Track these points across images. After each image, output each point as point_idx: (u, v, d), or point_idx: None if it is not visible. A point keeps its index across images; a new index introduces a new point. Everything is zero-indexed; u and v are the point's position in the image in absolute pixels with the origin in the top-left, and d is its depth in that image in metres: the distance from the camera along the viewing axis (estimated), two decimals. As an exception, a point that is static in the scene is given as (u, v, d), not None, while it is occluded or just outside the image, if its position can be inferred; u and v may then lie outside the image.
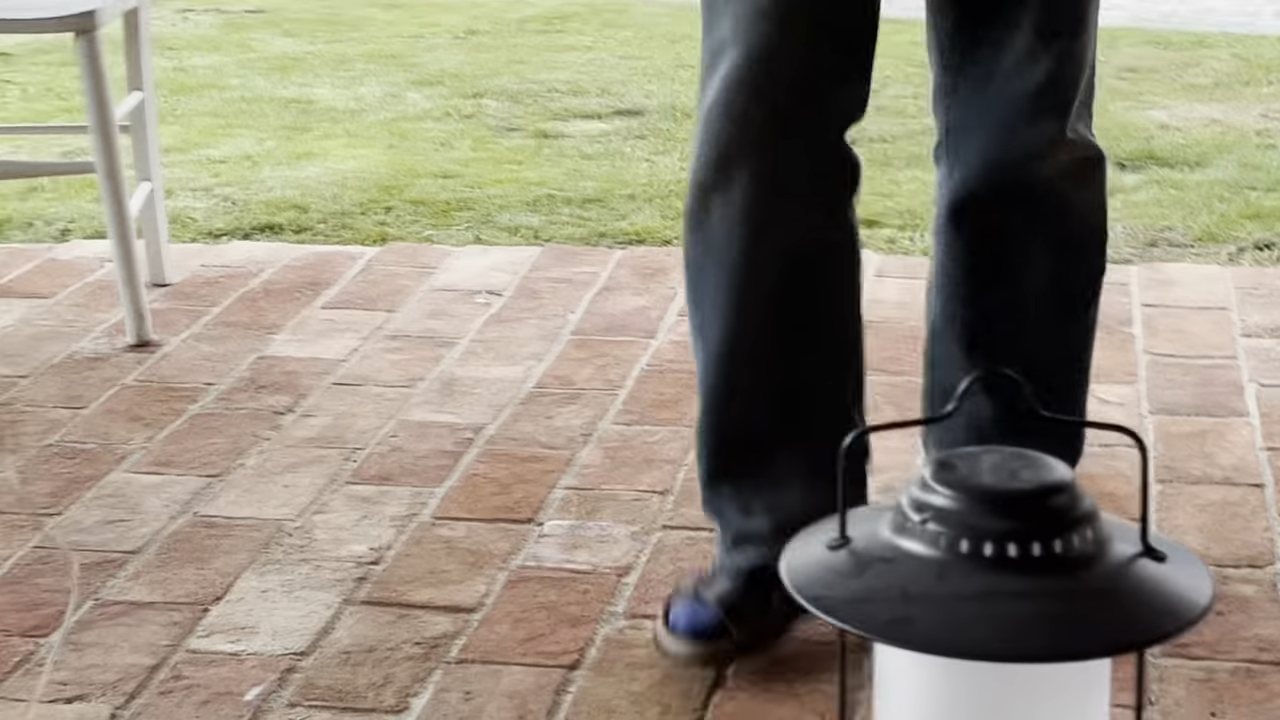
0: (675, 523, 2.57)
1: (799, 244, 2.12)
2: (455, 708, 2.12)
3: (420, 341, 3.28)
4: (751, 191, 2.06)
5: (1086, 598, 0.98)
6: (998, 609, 0.97)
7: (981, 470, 1.02)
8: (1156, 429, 2.87)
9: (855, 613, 0.99)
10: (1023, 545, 0.99)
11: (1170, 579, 1.01)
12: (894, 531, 1.02)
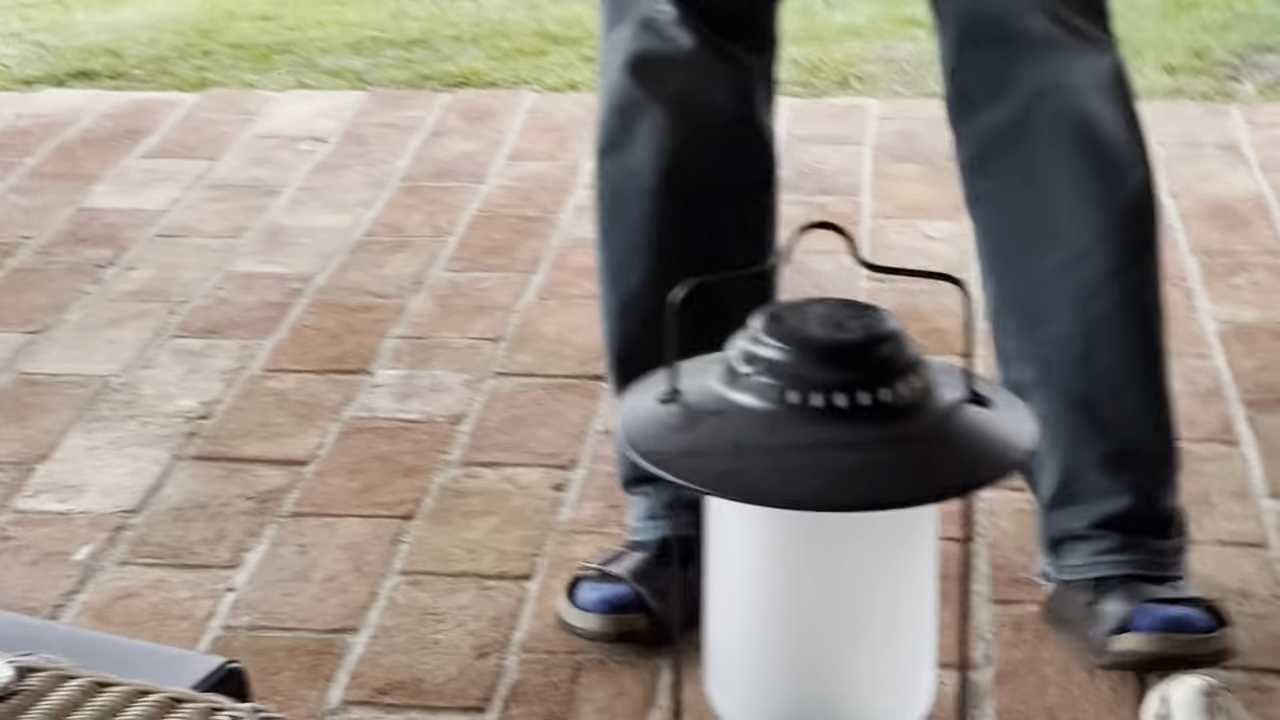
0: (508, 369, 2.57)
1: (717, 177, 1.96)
2: (290, 561, 2.11)
3: (244, 190, 3.22)
4: (673, 119, 1.90)
5: (913, 445, 0.99)
6: (826, 459, 0.98)
7: (809, 321, 1.02)
8: (982, 264, 2.90)
9: (687, 466, 0.99)
10: (850, 395, 0.99)
11: (995, 423, 1.02)
12: (724, 384, 1.02)
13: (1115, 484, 1.90)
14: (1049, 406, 1.89)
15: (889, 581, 1.03)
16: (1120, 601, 1.88)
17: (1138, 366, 1.88)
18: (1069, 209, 1.82)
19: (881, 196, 3.18)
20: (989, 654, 1.94)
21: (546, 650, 1.95)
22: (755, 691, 1.04)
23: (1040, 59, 1.83)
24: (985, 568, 2.09)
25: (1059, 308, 1.87)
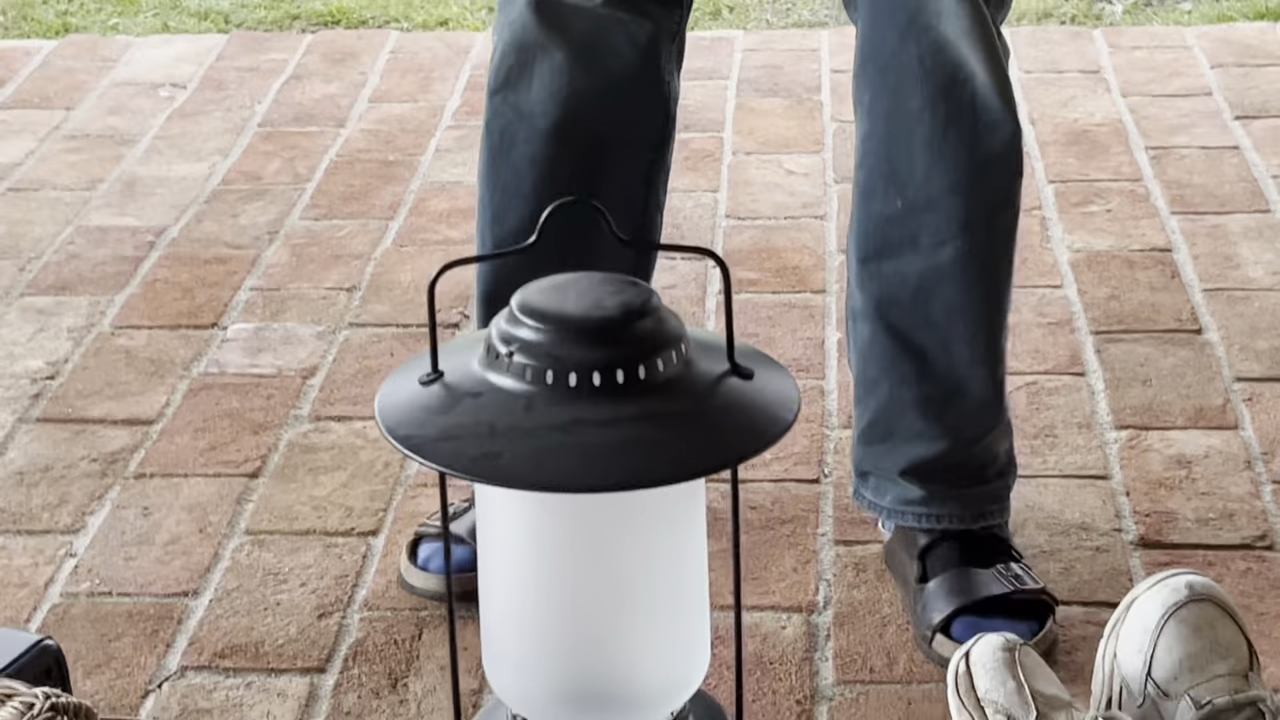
0: (362, 320, 2.55)
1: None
2: (133, 524, 2.09)
3: (100, 140, 3.18)
4: (573, 65, 1.86)
5: (673, 421, 0.99)
6: (584, 439, 0.97)
7: (567, 299, 1.02)
8: (842, 198, 2.90)
9: (443, 450, 0.98)
10: (606, 373, 0.98)
11: (756, 395, 1.02)
12: (484, 366, 1.01)
13: (931, 428, 1.88)
14: (876, 339, 1.88)
15: (657, 557, 1.03)
16: (943, 595, 1.86)
17: (971, 322, 1.85)
18: (924, 154, 1.80)
19: (743, 132, 3.17)
20: (829, 595, 1.95)
21: (390, 608, 1.94)
22: (530, 672, 1.05)
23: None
24: (830, 509, 2.10)
25: (900, 247, 1.85)
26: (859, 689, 1.81)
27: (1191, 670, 1.44)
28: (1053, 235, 2.74)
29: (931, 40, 1.75)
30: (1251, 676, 1.46)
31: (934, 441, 1.88)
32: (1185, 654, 1.45)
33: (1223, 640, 1.46)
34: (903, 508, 1.92)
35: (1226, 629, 1.47)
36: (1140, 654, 1.47)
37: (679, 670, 1.05)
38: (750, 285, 2.63)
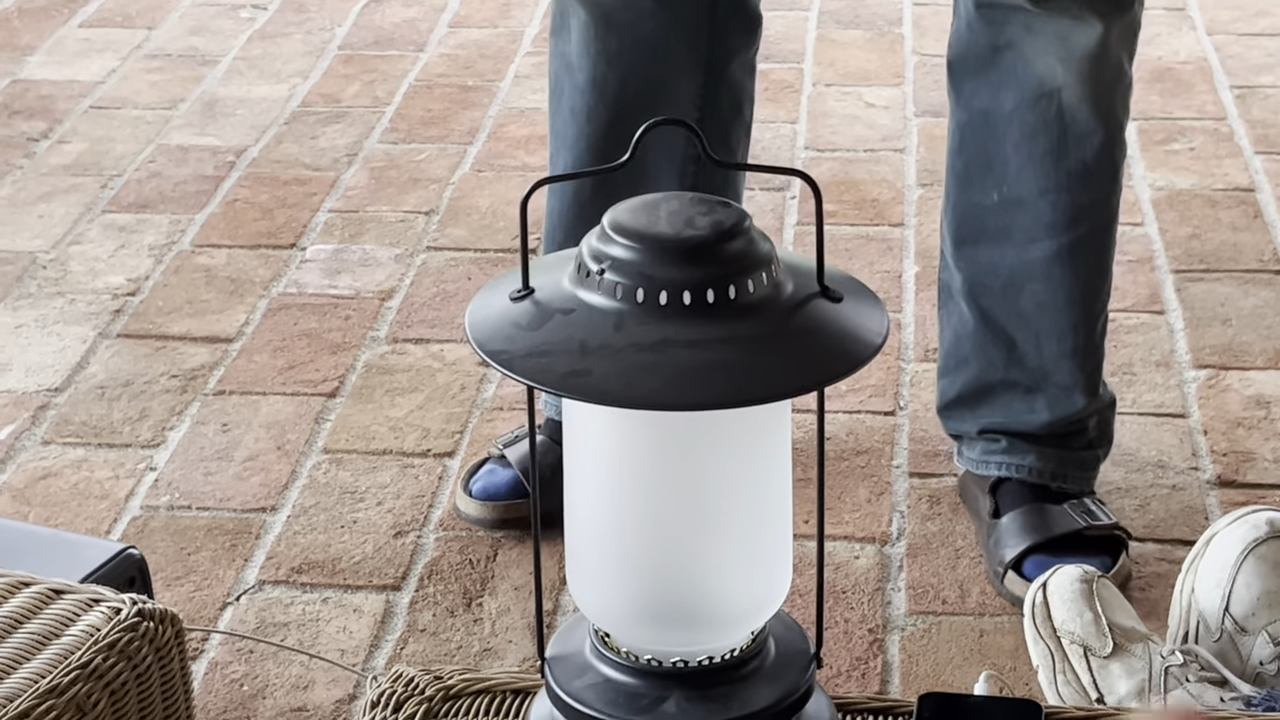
0: (439, 244, 2.56)
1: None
2: (212, 440, 2.11)
3: (181, 61, 3.19)
4: (597, 26, 1.84)
5: (762, 343, 0.98)
6: (673, 358, 0.97)
7: (659, 218, 1.01)
8: (922, 132, 2.89)
9: (533, 366, 0.98)
10: (697, 292, 0.98)
11: (845, 318, 1.02)
12: (574, 283, 1.01)
13: (1015, 409, 1.88)
14: (969, 319, 1.88)
15: (741, 478, 1.03)
16: (1015, 531, 1.85)
17: (1060, 318, 1.84)
18: (1015, 156, 1.79)
19: (824, 63, 3.16)
20: (903, 527, 1.95)
21: (465, 528, 1.96)
22: (613, 589, 1.05)
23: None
24: (904, 441, 2.10)
25: (994, 237, 1.84)
26: (931, 620, 1.82)
27: (1270, 606, 1.44)
28: (1135, 173, 2.72)
29: (1028, 55, 1.76)
30: (1329, 615, 1.45)
31: (1018, 418, 1.89)
32: (1264, 590, 1.45)
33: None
34: (984, 457, 1.93)
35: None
36: (1218, 589, 1.46)
37: (760, 591, 1.05)
38: (828, 217, 2.62)
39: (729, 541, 1.03)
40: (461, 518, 1.96)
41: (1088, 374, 1.88)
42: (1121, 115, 1.82)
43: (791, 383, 0.97)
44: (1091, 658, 1.45)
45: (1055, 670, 1.46)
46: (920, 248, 2.53)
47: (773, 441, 1.04)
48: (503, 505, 1.95)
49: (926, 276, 2.44)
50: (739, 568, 1.03)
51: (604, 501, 1.03)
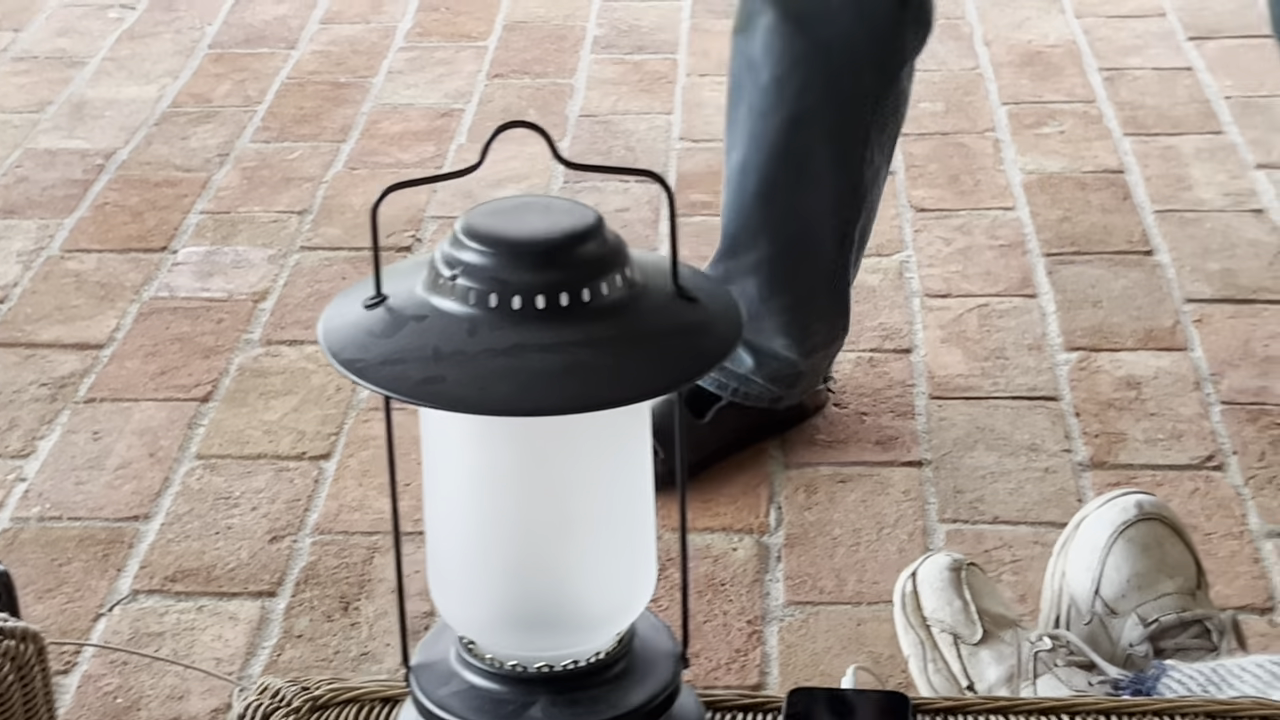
0: (313, 243, 2.54)
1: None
2: (83, 448, 2.09)
3: (48, 63, 3.15)
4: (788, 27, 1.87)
5: (617, 345, 0.98)
6: (528, 363, 0.97)
7: (511, 222, 1.01)
8: (795, 120, 2.89)
9: (387, 374, 0.98)
10: (550, 296, 0.98)
11: (701, 317, 1.02)
12: (427, 289, 1.00)
13: None
14: None
15: (600, 480, 1.03)
16: None
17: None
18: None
19: (699, 53, 3.16)
20: (780, 518, 1.96)
21: (341, 531, 1.95)
22: (475, 596, 1.04)
23: None
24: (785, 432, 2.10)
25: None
26: (809, 609, 1.82)
27: (1140, 588, 1.45)
28: (1006, 157, 2.74)
29: None
30: (1199, 595, 1.47)
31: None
32: (1133, 572, 1.46)
33: (1171, 559, 1.47)
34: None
35: (1175, 548, 1.48)
36: (1089, 572, 1.48)
37: (623, 593, 1.05)
38: (704, 207, 2.62)
39: (590, 545, 1.03)
40: None
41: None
42: None
43: (646, 385, 0.97)
44: (961, 645, 1.46)
45: (926, 659, 1.47)
46: (788, 239, 2.53)
47: (631, 443, 1.04)
48: None
49: (801, 265, 2.45)
50: (601, 571, 1.03)
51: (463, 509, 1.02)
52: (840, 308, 2.04)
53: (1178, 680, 1.24)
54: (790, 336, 2.01)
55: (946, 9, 3.29)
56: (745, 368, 2.04)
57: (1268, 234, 2.49)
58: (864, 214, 1.99)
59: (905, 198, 2.64)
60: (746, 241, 1.98)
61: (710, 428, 2.04)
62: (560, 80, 3.06)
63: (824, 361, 2.09)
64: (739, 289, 2.00)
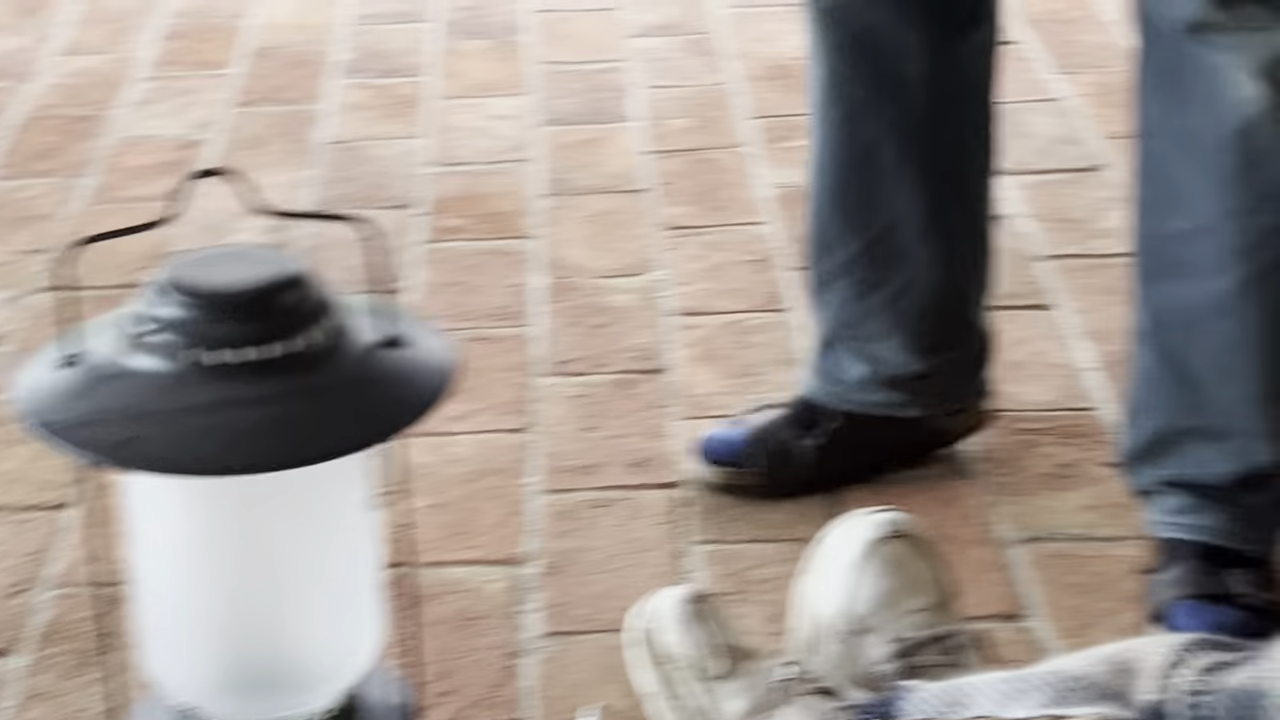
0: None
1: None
2: None
3: None
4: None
5: (321, 397, 0.96)
6: (228, 419, 0.94)
7: (209, 274, 0.98)
8: (547, 141, 2.88)
9: (83, 436, 0.94)
10: (249, 349, 0.95)
11: (410, 363, 1.00)
12: (126, 346, 0.97)
13: (1212, 454, 1.75)
14: (1153, 363, 1.78)
15: (313, 535, 1.01)
16: (1170, 583, 1.76)
17: (1255, 354, 1.70)
18: (1198, 179, 1.66)
19: (450, 76, 3.13)
20: (536, 547, 1.94)
21: (82, 583, 1.88)
22: (191, 660, 1.01)
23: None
24: (537, 458, 2.09)
25: (1178, 269, 1.72)
26: (566, 640, 1.80)
27: (888, 606, 1.46)
28: (754, 172, 2.75)
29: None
30: (947, 610, 1.47)
31: (1203, 474, 1.77)
32: (881, 590, 1.46)
33: (919, 575, 1.48)
34: (1165, 518, 1.81)
35: (923, 564, 1.49)
36: (838, 591, 1.48)
37: (344, 649, 1.03)
38: (455, 232, 2.60)
39: (305, 602, 1.00)
40: (687, 480, 2.01)
41: (1276, 420, 1.73)
42: None
43: (353, 438, 0.95)
44: (702, 680, 1.44)
45: (667, 696, 1.46)
46: (548, 259, 2.52)
47: (343, 495, 1.02)
48: (727, 471, 1.99)
49: (555, 289, 2.43)
50: (319, 628, 1.01)
51: (172, 570, 0.99)
52: (960, 309, 1.98)
53: (919, 701, 1.24)
54: (899, 336, 1.96)
55: (694, 24, 3.31)
56: (858, 377, 1.98)
57: (1010, 240, 2.52)
58: (957, 205, 1.94)
59: (656, 216, 2.64)
60: (831, 243, 1.95)
61: (827, 446, 1.98)
62: (307, 106, 3.02)
63: (961, 364, 2.00)
64: (836, 292, 1.96)
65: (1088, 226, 2.56)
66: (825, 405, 2.00)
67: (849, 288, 1.95)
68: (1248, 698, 1.14)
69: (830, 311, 1.98)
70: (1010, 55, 2.82)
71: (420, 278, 2.49)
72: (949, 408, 2.02)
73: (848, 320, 1.96)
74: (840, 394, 1.99)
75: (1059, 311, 2.36)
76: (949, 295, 1.96)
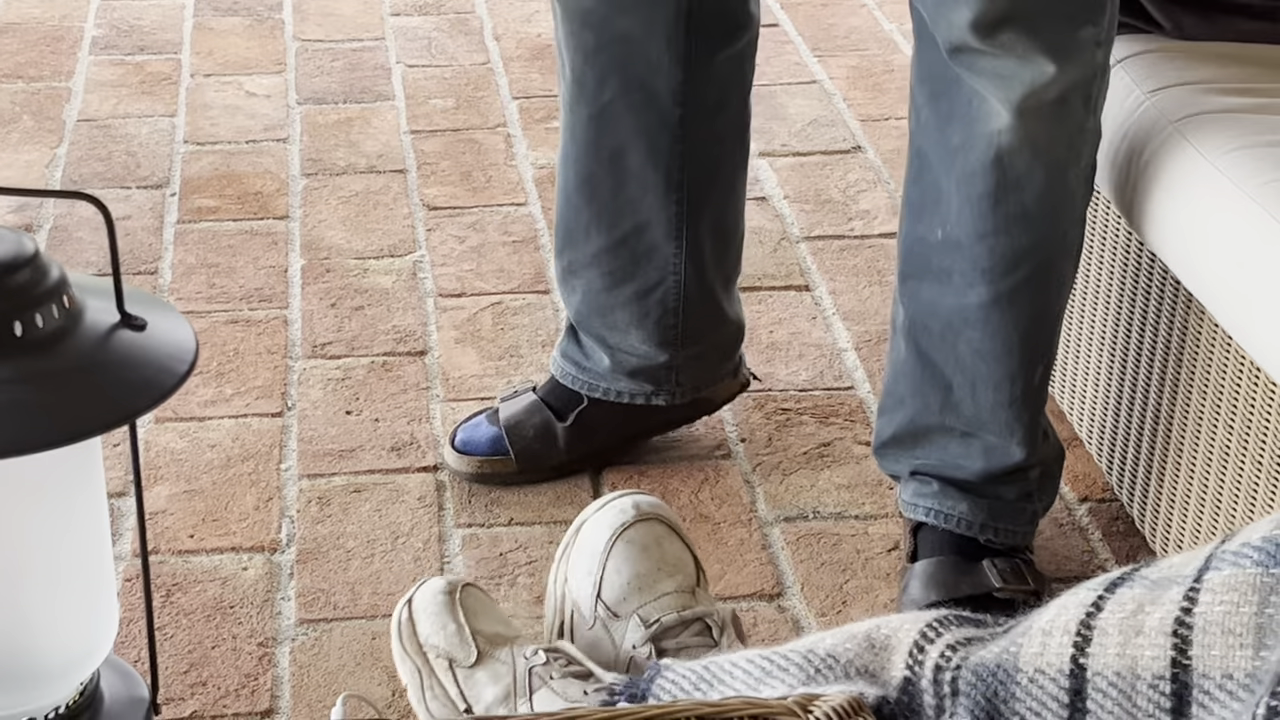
0: None
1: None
2: None
3: None
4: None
5: (57, 380, 0.92)
6: (-44, 404, 0.90)
7: (-64, 252, 0.94)
8: (305, 120, 2.83)
9: None
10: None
11: (150, 346, 0.96)
12: None
13: (961, 451, 1.77)
14: (908, 358, 1.77)
15: (47, 523, 0.97)
16: (924, 583, 1.76)
17: (1000, 369, 1.72)
18: (955, 196, 1.66)
19: (202, 53, 3.07)
20: (293, 533, 1.91)
21: None
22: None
23: None
24: (293, 442, 2.05)
25: (936, 276, 1.72)
26: (322, 627, 1.77)
27: (640, 590, 1.45)
28: (517, 152, 2.74)
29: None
30: (699, 592, 1.47)
31: (953, 462, 1.78)
32: (633, 574, 1.46)
33: (670, 558, 1.47)
34: (914, 500, 1.81)
35: (673, 546, 1.49)
36: (590, 576, 1.47)
37: (80, 641, 0.99)
38: (210, 213, 2.55)
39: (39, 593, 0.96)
40: (443, 467, 2.00)
41: (1025, 425, 1.75)
42: (1066, 158, 1.65)
43: (92, 421, 0.91)
44: (457, 669, 1.43)
45: (424, 686, 1.44)
46: (305, 240, 2.48)
47: (82, 481, 0.98)
48: (478, 460, 1.97)
49: (313, 270, 2.40)
50: (54, 620, 0.97)
51: (-103, 563, 0.95)
52: (708, 304, 1.96)
53: (671, 681, 1.24)
54: (644, 330, 1.94)
55: (456, 3, 3.28)
56: (604, 366, 1.96)
57: (770, 221, 2.54)
58: (706, 208, 1.91)
59: (417, 196, 2.61)
60: (579, 234, 1.92)
61: (575, 430, 1.97)
62: (57, 84, 2.94)
63: (709, 355, 1.98)
64: (583, 281, 1.93)
65: (845, 208, 2.59)
66: (572, 389, 1.99)
67: (596, 279, 1.93)
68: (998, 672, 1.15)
69: (577, 299, 1.96)
70: (769, 38, 2.84)
71: (174, 259, 2.43)
72: (698, 394, 2.01)
73: (594, 310, 1.95)
74: (588, 381, 1.99)
75: (817, 292, 2.38)
76: (698, 291, 1.95)
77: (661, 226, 1.90)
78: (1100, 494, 1.98)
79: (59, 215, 2.52)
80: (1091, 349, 1.95)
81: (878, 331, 2.27)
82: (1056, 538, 1.91)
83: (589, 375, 1.98)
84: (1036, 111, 1.59)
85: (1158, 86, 1.76)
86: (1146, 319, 1.82)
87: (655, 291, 1.93)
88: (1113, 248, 1.89)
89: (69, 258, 2.41)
